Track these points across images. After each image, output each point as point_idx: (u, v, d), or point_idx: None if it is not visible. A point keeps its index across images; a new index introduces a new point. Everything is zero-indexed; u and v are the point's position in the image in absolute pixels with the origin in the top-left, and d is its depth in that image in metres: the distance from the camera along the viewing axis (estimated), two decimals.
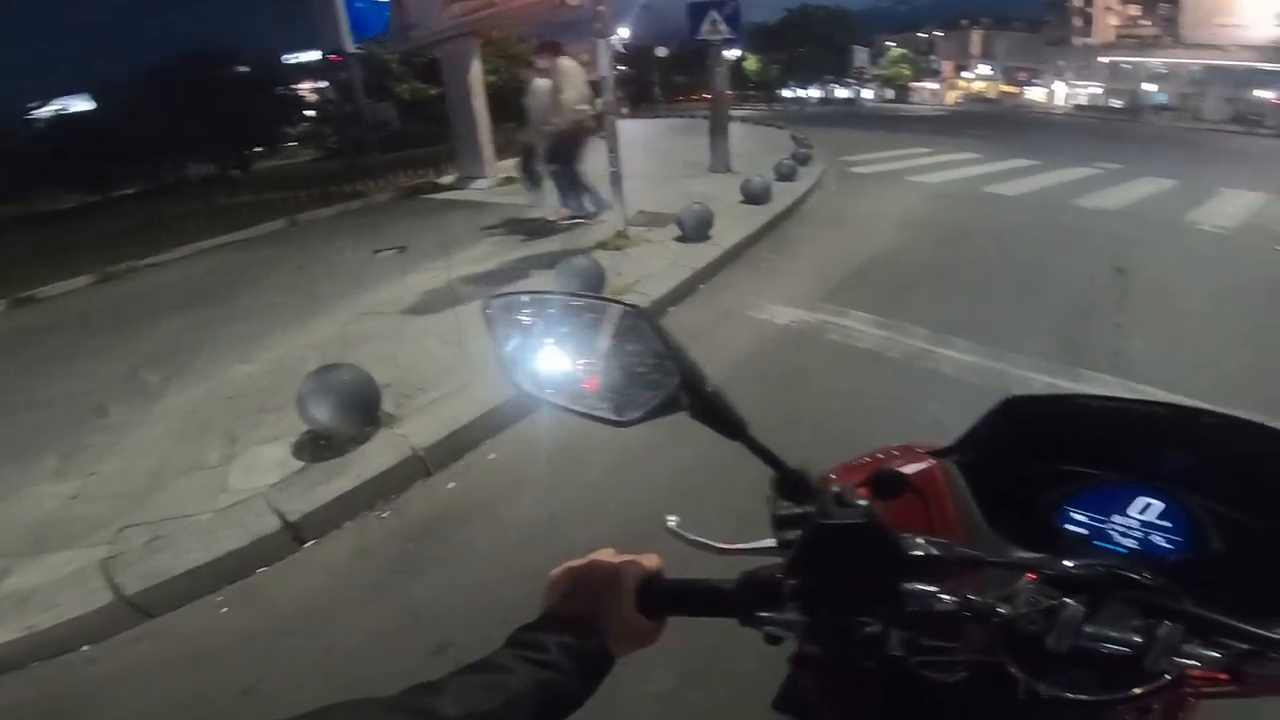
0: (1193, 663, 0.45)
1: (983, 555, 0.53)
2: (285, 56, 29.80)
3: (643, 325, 0.52)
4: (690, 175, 8.64)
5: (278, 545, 2.18)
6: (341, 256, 5.69)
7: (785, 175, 7.89)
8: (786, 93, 51.53)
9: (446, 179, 9.53)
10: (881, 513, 0.63)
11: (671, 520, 0.65)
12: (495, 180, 8.98)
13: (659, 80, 35.43)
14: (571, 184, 5.75)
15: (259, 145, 20.64)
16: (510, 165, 10.41)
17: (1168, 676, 0.45)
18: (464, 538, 2.25)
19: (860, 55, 44.03)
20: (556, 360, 0.56)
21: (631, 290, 4.08)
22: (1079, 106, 47.78)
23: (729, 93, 10.18)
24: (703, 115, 9.46)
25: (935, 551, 0.50)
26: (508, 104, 13.20)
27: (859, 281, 4.66)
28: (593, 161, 5.77)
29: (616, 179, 5.09)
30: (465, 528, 2.30)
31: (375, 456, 2.50)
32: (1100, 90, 49.81)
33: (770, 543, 0.58)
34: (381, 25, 10.26)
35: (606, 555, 0.56)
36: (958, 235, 5.96)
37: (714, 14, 8.01)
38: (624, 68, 38.35)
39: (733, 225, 5.59)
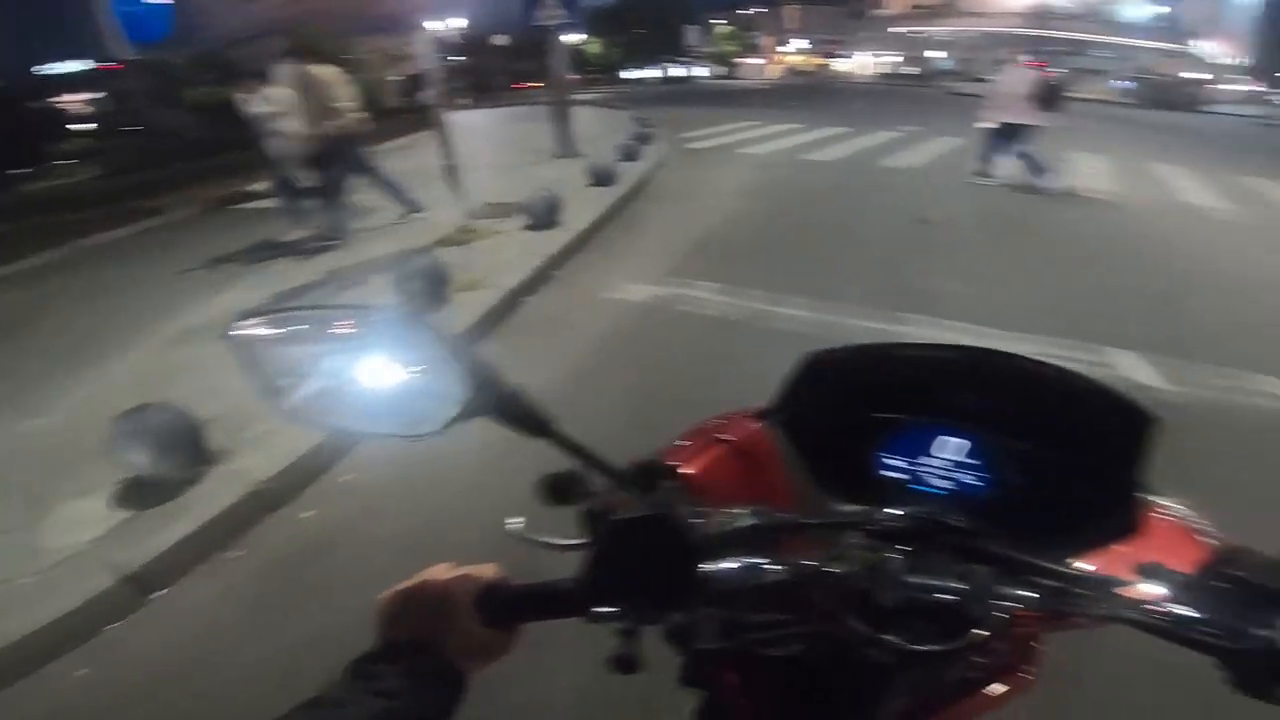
0: (1010, 604, 0.46)
1: (797, 517, 0.52)
2: (36, 68, 24.80)
3: (418, 330, 0.48)
4: (536, 162, 8.51)
5: (121, 599, 1.95)
6: (140, 283, 4.93)
7: (629, 156, 8.02)
8: (627, 75, 52.18)
9: (258, 186, 8.57)
10: (702, 486, 0.63)
11: (513, 523, 0.61)
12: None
13: (500, 69, 34.32)
14: (333, 200, 5.17)
15: (17, 167, 17.18)
16: None
17: (993, 619, 0.46)
18: (331, 566, 2.10)
19: (692, 34, 45.56)
20: (327, 380, 0.51)
21: (482, 284, 3.96)
22: (883, 75, 52.98)
23: (571, 77, 10.09)
24: (546, 102, 9.32)
25: (755, 521, 0.49)
26: None
27: (702, 253, 4.88)
28: (414, 160, 5.44)
29: (453, 171, 4.89)
30: (331, 555, 2.14)
31: (213, 496, 2.27)
32: (900, 59, 55.55)
33: None
34: (164, 29, 8.97)
35: (439, 572, 0.54)
36: (785, 201, 6.45)
37: None
38: (461, 58, 36.70)
39: (582, 209, 5.60)
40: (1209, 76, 45.10)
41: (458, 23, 23.71)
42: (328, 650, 1.76)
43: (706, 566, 0.48)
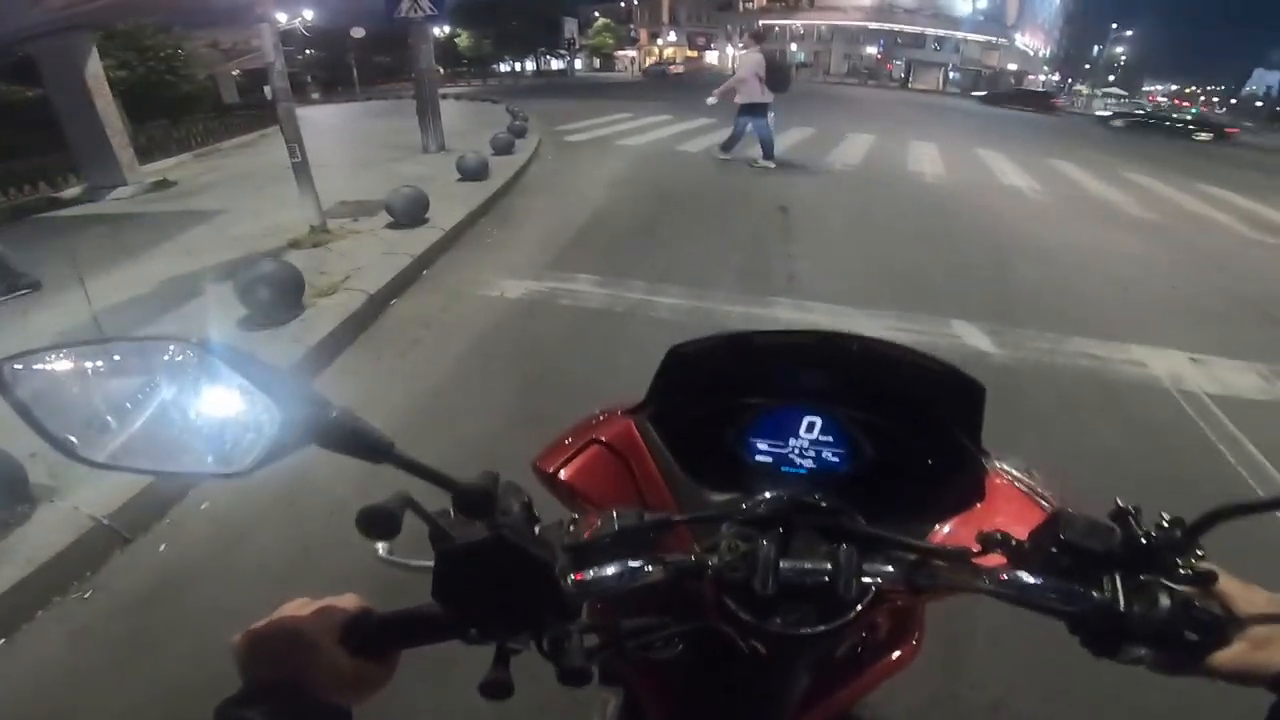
0: (875, 580, 0.47)
1: (668, 515, 0.52)
2: None
3: (210, 360, 0.43)
4: (401, 158, 8.05)
5: None
6: None
7: (502, 149, 7.84)
8: (502, 67, 50.79)
9: (70, 192, 7.43)
10: (577, 489, 0.62)
11: (380, 547, 0.56)
12: (141, 187, 7.32)
13: (356, 62, 32.07)
14: None
15: None
16: (163, 167, 8.65)
17: (862, 596, 0.47)
18: (199, 598, 1.88)
19: (570, 26, 45.09)
20: (123, 419, 0.45)
21: (343, 288, 3.67)
22: (656, 64, 54.99)
23: (439, 70, 9.65)
24: (410, 96, 8.82)
25: (623, 523, 0.49)
26: (149, 100, 10.87)
27: (581, 245, 4.85)
28: (261, 158, 4.96)
29: (302, 169, 4.50)
30: (197, 588, 1.92)
31: (44, 536, 1.96)
32: (757, 51, 58.14)
33: None
34: None
35: (296, 607, 0.50)
36: (660, 191, 6.57)
37: None
38: (314, 51, 33.86)
39: (451, 205, 5.37)
40: (1020, 68, 51.54)
41: (306, 15, 21.98)
42: (193, 693, 1.59)
43: (580, 576, 0.46)
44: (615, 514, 0.49)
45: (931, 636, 0.66)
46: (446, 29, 41.29)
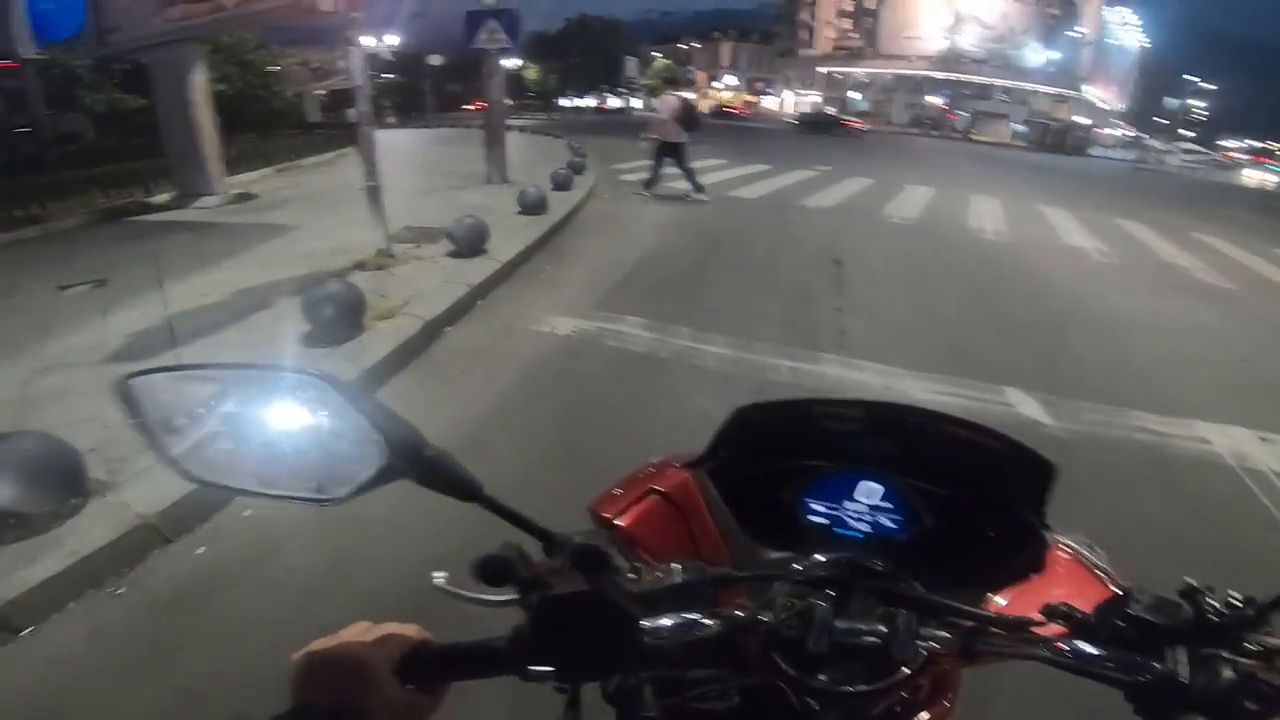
0: (931, 645, 0.48)
1: (729, 571, 0.53)
2: None
3: (331, 393, 0.46)
4: (465, 187, 8.39)
5: None
6: (10, 298, 4.47)
7: (561, 185, 8.04)
8: (564, 102, 52.58)
9: (161, 197, 8.00)
10: (634, 538, 0.64)
11: (438, 577, 0.57)
12: (225, 198, 7.82)
13: (431, 89, 33.81)
14: None
15: None
16: (247, 180, 9.22)
17: (916, 660, 0.48)
18: (227, 604, 1.94)
19: (631, 65, 46.46)
20: (233, 441, 0.48)
21: (401, 312, 3.83)
22: (803, 114, 55.77)
23: (507, 102, 10.09)
24: (478, 125, 9.22)
25: (687, 577, 0.50)
26: (242, 114, 11.62)
27: (629, 287, 4.92)
28: (337, 178, 5.26)
29: (375, 193, 4.74)
30: (227, 593, 1.98)
31: (91, 530, 2.07)
32: (820, 98, 58.71)
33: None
34: (74, 28, 8.32)
35: (358, 631, 0.50)
36: (709, 237, 6.63)
37: (492, 23, 7.86)
38: (393, 75, 35.91)
39: (509, 238, 5.55)
40: (1090, 121, 50.30)
41: (391, 39, 23.33)
42: (215, 696, 1.64)
43: (645, 625, 0.47)
44: (679, 566, 0.51)
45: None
46: (517, 61, 43.12)
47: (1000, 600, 0.58)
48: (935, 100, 52.46)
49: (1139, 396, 3.61)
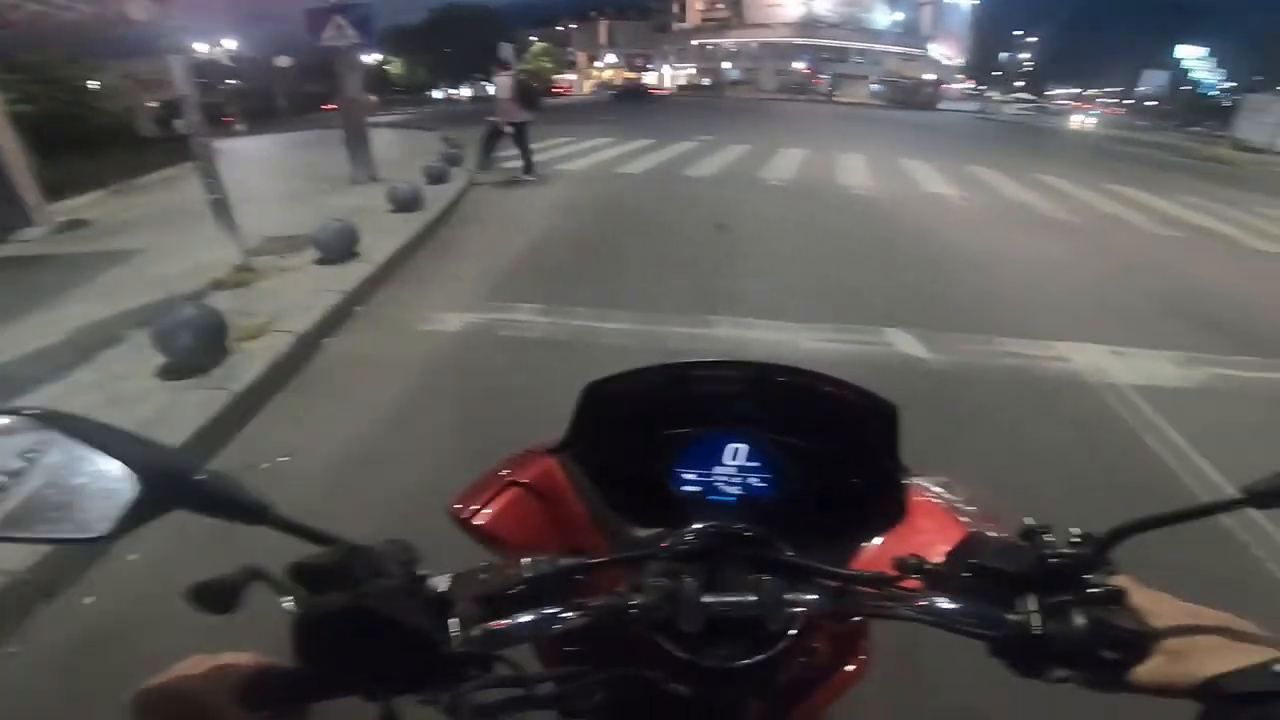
0: (800, 609, 0.46)
1: (584, 558, 0.50)
2: None
3: (54, 432, 0.42)
4: (329, 191, 7.84)
5: None
6: None
7: (437, 178, 7.74)
8: (437, 94, 50.27)
9: None
10: (496, 534, 0.61)
11: (286, 601, 0.55)
12: (51, 227, 6.89)
13: (284, 91, 31.18)
14: None
15: None
16: (75, 205, 8.17)
17: (791, 625, 0.46)
18: (142, 645, 1.76)
19: (506, 51, 45.10)
20: None
21: (269, 330, 3.53)
22: (680, 87, 56.67)
23: (369, 98, 9.54)
24: (340, 126, 8.73)
25: (539, 570, 0.47)
26: (60, 135, 10.31)
27: (520, 274, 4.83)
28: (180, 193, 4.79)
29: (221, 205, 4.33)
30: (138, 635, 1.81)
31: None
32: (695, 70, 59.79)
33: None
34: None
35: (193, 664, 0.48)
36: (599, 215, 6.63)
37: (339, 19, 7.33)
38: (237, 81, 32.72)
39: (383, 238, 5.25)
40: (937, 77, 54.49)
41: (229, 44, 21.29)
42: None
43: (493, 627, 0.45)
44: (528, 560, 0.48)
45: (884, 650, 0.66)
46: (378, 56, 40.67)
47: (869, 552, 0.58)
48: (799, 65, 54.86)
49: (1005, 325, 4.00)
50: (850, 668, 0.63)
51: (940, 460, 0.69)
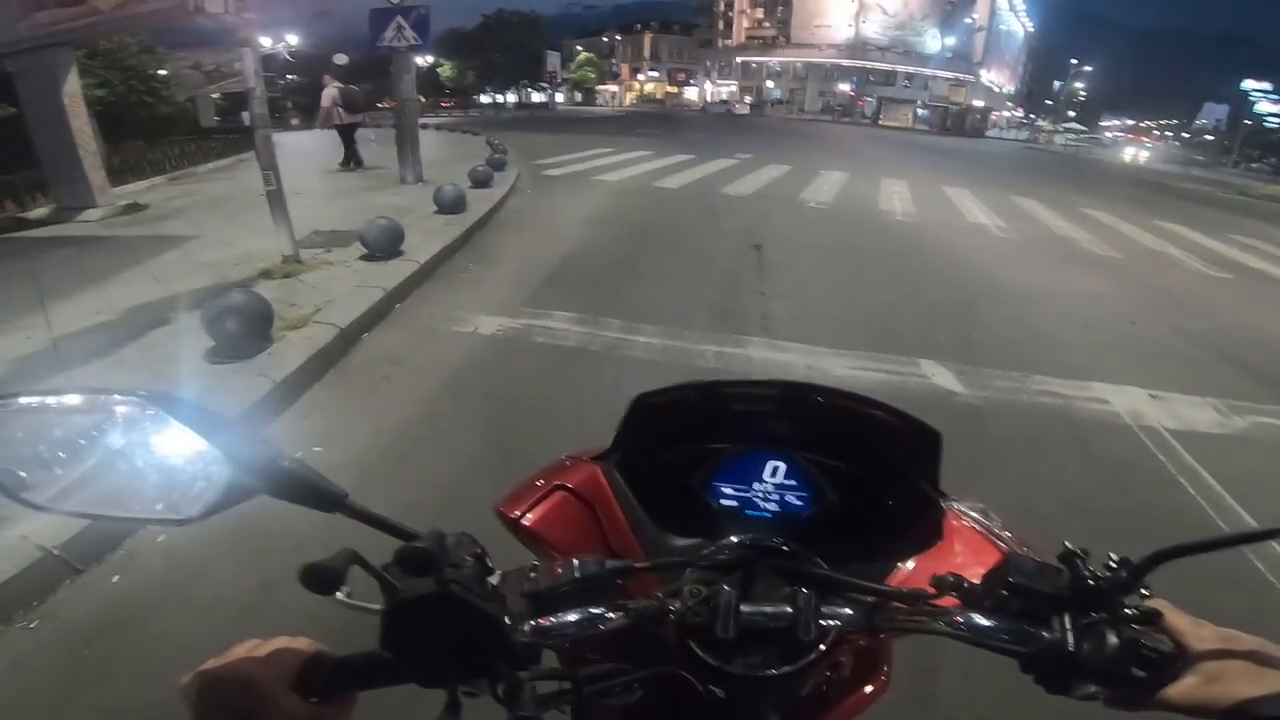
0: (834, 622, 0.48)
1: (629, 563, 0.52)
2: None
3: (162, 413, 0.44)
4: (377, 188, 8.07)
5: None
6: None
7: (481, 182, 7.89)
8: (484, 98, 51.37)
9: (38, 212, 7.30)
10: (541, 535, 0.63)
11: (340, 592, 0.57)
12: (113, 210, 7.21)
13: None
14: None
15: None
16: (136, 190, 8.54)
17: (823, 638, 0.48)
18: (154, 630, 1.82)
19: (553, 60, 45.85)
20: (74, 467, 0.46)
21: (313, 321, 3.64)
22: (721, 102, 56.71)
23: (420, 100, 9.91)
24: (391, 124, 9.07)
25: (586, 571, 0.49)
26: (127, 121, 10.75)
27: (557, 281, 4.88)
28: (238, 184, 4.98)
29: (276, 197, 4.48)
30: (152, 620, 1.87)
31: None
32: (736, 88, 59.86)
33: None
34: None
35: (248, 649, 0.49)
36: (636, 228, 6.67)
37: (399, 21, 7.57)
38: (295, 76, 33.79)
39: (427, 238, 5.38)
40: (986, 105, 53.68)
41: (291, 40, 22.07)
42: None
43: (539, 623, 0.47)
44: (577, 561, 0.50)
45: (901, 670, 0.67)
46: (430, 59, 41.72)
47: (904, 571, 0.59)
48: (844, 87, 54.57)
49: (1043, 362, 3.89)
50: (870, 688, 0.64)
51: (969, 493, 0.69)
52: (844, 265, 5.85)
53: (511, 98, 53.46)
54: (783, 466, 0.67)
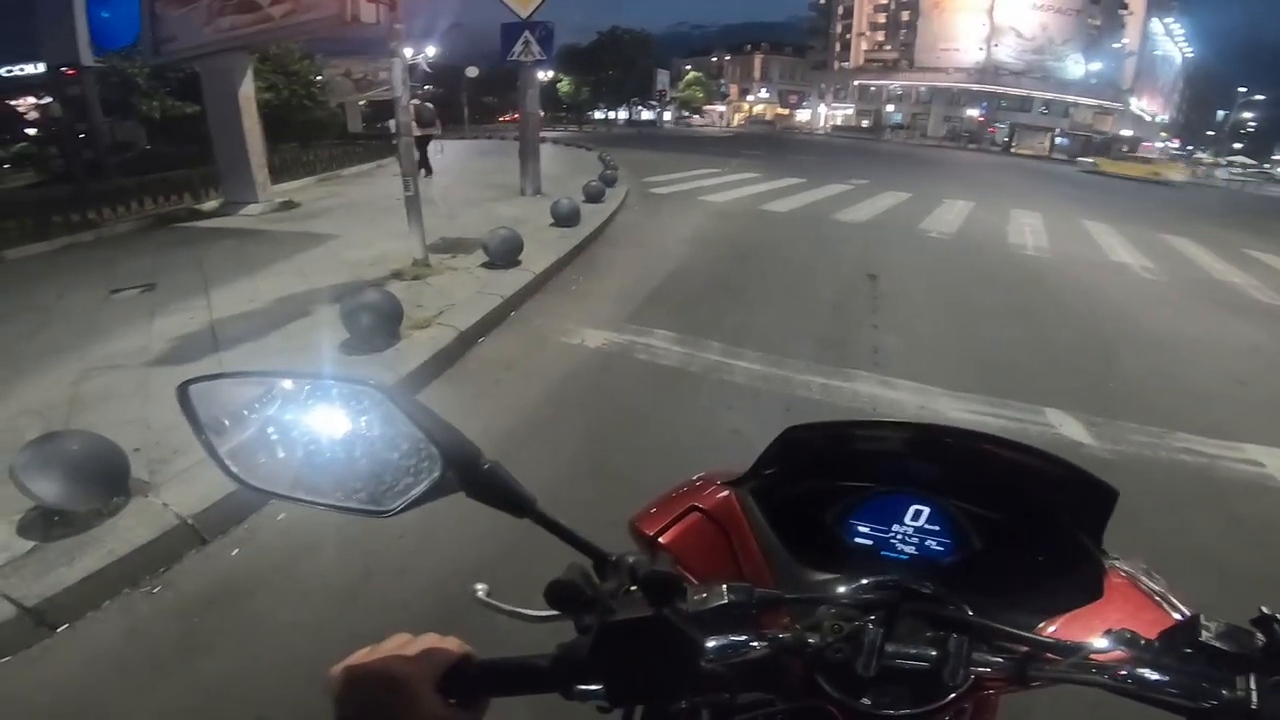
0: (984, 669, 0.49)
1: (779, 592, 0.54)
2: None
3: (386, 404, 0.46)
4: (499, 198, 8.53)
5: (19, 633, 1.82)
6: (64, 300, 4.66)
7: (594, 197, 8.13)
8: (597, 114, 53.22)
9: (209, 205, 8.32)
10: (676, 555, 0.63)
11: (480, 589, 0.59)
12: (270, 205, 8.09)
13: (467, 100, 34.49)
14: None
15: None
16: (289, 188, 9.52)
17: (966, 684, 0.48)
18: (259, 607, 1.98)
19: (662, 78, 46.71)
20: (287, 450, 0.49)
21: (436, 322, 3.89)
22: (835, 127, 55.26)
23: (540, 114, 10.33)
24: (513, 137, 9.54)
25: (735, 598, 0.50)
26: (287, 123, 11.98)
27: (660, 300, 4.92)
28: (379, 188, 5.41)
29: (413, 204, 4.84)
30: (259, 596, 2.02)
31: (130, 529, 2.13)
32: (852, 111, 58.12)
33: None
34: (130, 37, 8.76)
35: (398, 644, 0.50)
36: (741, 251, 6.59)
37: (527, 35, 8.03)
38: (430, 87, 36.70)
39: (543, 249, 5.61)
40: (1135, 134, 48.80)
41: (430, 51, 23.89)
42: (240, 699, 1.67)
43: (705, 664, 0.47)
44: (725, 587, 0.50)
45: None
46: (550, 73, 43.73)
47: (1055, 625, 0.57)
48: (973, 113, 51.56)
49: (1187, 418, 3.46)
50: None
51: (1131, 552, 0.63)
52: (965, 300, 5.48)
53: (622, 114, 54.94)
54: (927, 511, 0.66)
